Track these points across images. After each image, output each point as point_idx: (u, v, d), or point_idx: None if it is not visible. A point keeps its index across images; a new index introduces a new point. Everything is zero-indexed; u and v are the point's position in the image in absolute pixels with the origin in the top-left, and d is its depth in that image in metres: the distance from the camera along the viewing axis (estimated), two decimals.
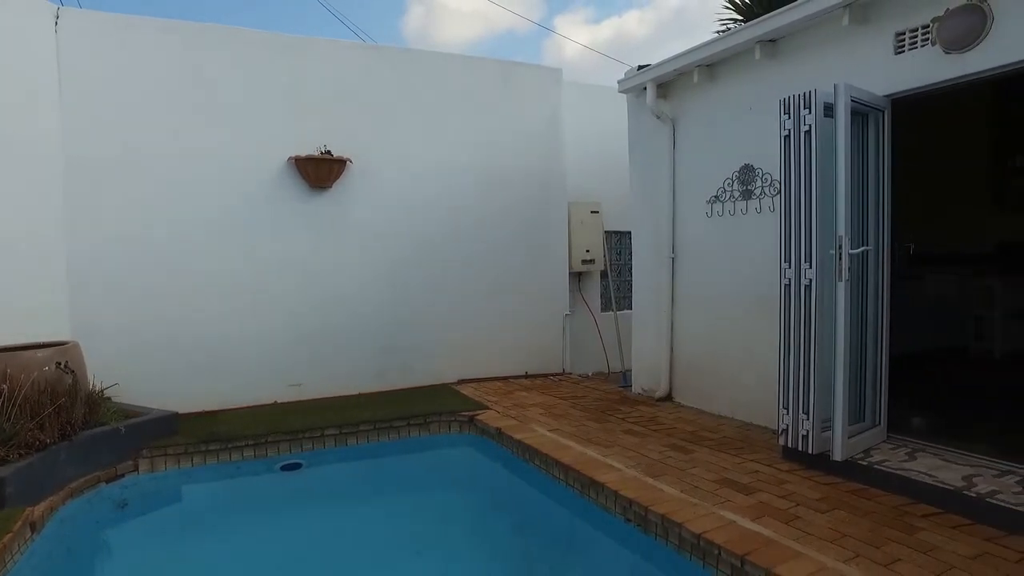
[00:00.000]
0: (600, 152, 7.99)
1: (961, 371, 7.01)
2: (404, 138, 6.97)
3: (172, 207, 6.00)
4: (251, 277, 6.31)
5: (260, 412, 6.00)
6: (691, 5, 25.87)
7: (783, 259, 4.22)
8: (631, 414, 5.75)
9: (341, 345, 6.69)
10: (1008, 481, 3.66)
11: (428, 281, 7.11)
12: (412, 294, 7.03)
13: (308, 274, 6.56)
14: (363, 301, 6.80)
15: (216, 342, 6.16)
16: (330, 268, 6.66)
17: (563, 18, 32.32)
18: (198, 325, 6.10)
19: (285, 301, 6.47)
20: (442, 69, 7.24)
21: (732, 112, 5.45)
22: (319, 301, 6.61)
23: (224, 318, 6.20)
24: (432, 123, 7.11)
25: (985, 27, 3.80)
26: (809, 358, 4.08)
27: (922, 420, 4.70)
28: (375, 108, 6.83)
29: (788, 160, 4.19)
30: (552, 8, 30.77)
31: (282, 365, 6.44)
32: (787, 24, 4.78)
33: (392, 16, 26.74)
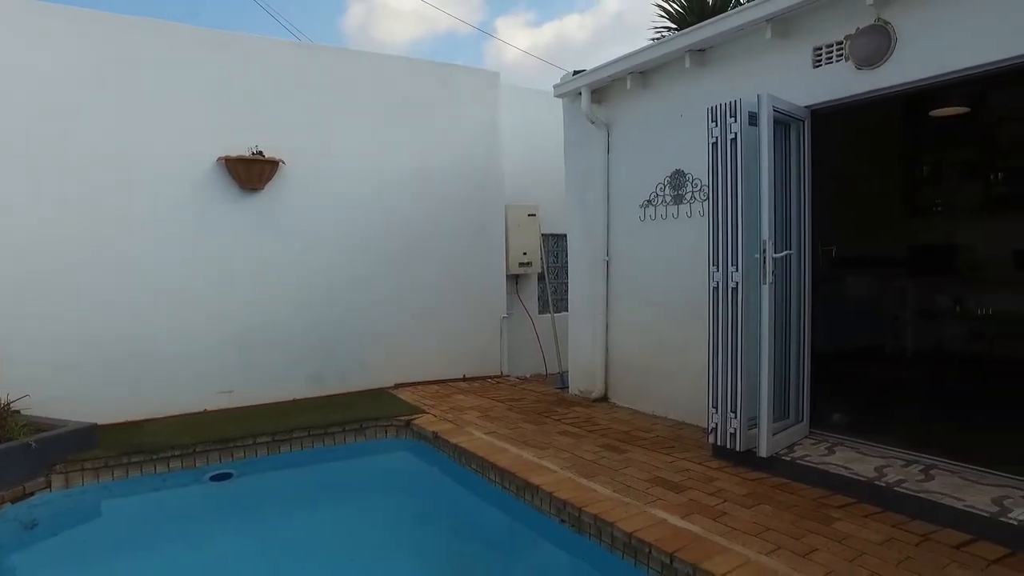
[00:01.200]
0: (538, 155, 8.08)
1: (878, 368, 7.40)
2: (340, 139, 6.86)
3: (90, 207, 5.71)
4: (179, 282, 6.07)
5: (189, 421, 5.79)
6: (630, 11, 26.44)
7: (711, 263, 4.36)
8: (567, 415, 5.82)
9: (275, 350, 6.52)
10: (913, 470, 3.89)
11: (365, 284, 7.02)
12: (349, 297, 6.92)
13: (239, 278, 6.37)
14: (298, 305, 6.66)
15: (142, 350, 5.90)
16: (263, 272, 6.48)
17: (505, 20, 32.44)
18: (121, 333, 5.82)
19: (215, 306, 6.26)
20: (379, 70, 7.16)
21: (664, 118, 5.60)
22: (251, 306, 6.43)
23: (150, 325, 5.95)
24: (368, 124, 7.03)
25: (890, 47, 4.03)
26: (736, 359, 4.23)
27: (842, 416, 4.94)
28: (309, 108, 6.69)
29: (715, 167, 4.33)
30: (494, 9, 30.85)
31: (212, 372, 6.23)
32: (715, 35, 4.95)
33: (332, 14, 26.27)
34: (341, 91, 6.88)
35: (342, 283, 6.89)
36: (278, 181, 6.50)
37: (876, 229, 8.20)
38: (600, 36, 26.00)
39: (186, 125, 6.08)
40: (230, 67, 6.32)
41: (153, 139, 5.93)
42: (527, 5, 33.39)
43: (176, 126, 6.03)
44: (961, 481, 3.71)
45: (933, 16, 3.87)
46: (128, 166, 5.83)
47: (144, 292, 5.92)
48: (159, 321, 5.99)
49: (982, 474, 3.79)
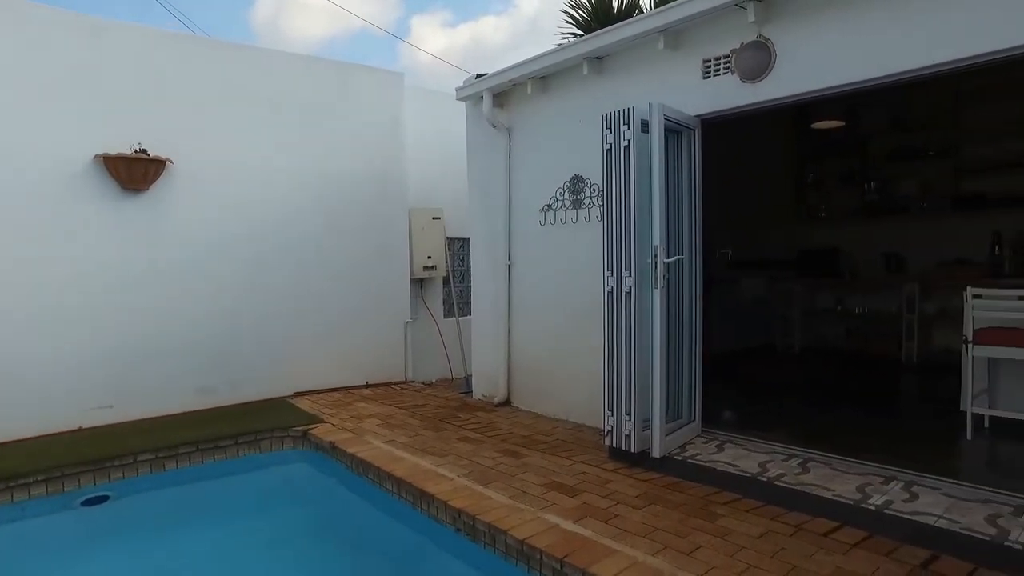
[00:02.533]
0: (443, 158, 7.99)
1: (768, 365, 7.79)
2: (232, 138, 6.53)
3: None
4: (49, 289, 5.58)
5: (59, 441, 5.33)
6: (545, 14, 26.67)
7: (606, 268, 4.44)
8: (469, 421, 5.78)
9: (162, 361, 6.12)
10: (793, 464, 4.10)
11: (262, 290, 6.71)
12: (243, 304, 6.60)
13: (121, 284, 5.93)
14: (186, 312, 6.28)
15: (3, 367, 5.38)
16: (148, 278, 6.07)
17: (421, 19, 32.07)
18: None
19: (94, 316, 5.79)
20: (277, 67, 6.88)
21: (564, 123, 5.65)
22: (136, 314, 6.00)
23: (15, 339, 5.43)
24: (266, 123, 6.73)
25: (771, 62, 4.23)
26: (630, 362, 4.31)
27: (732, 414, 5.14)
28: (198, 105, 6.33)
29: (609, 173, 4.40)
30: (410, 8, 30.43)
31: (89, 386, 5.77)
32: (611, 43, 5.05)
33: (238, 7, 25.07)
34: (233, 88, 6.55)
35: (236, 289, 6.56)
36: (165, 182, 6.12)
37: (769, 233, 8.63)
38: (516, 40, 26.16)
39: (55, 119, 5.60)
40: (106, 57, 5.87)
41: (14, 133, 5.43)
42: (443, 4, 33.19)
43: (43, 120, 5.55)
44: (832, 472, 3.94)
45: (806, 36, 4.10)
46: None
47: (7, 303, 5.41)
48: (27, 335, 5.49)
49: (851, 464, 4.04)
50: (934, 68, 3.63)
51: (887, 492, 3.62)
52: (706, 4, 4.35)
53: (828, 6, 3.98)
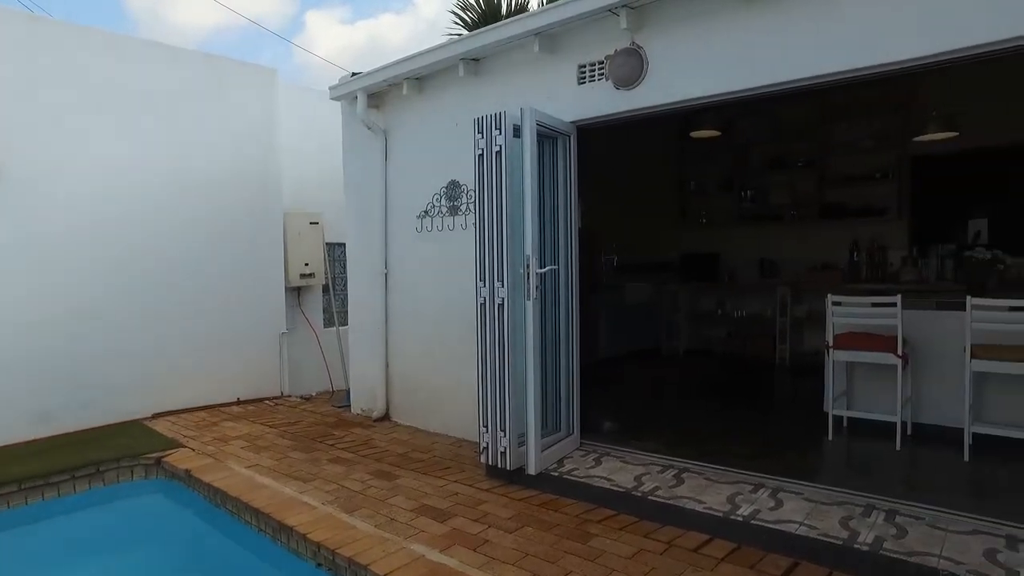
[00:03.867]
0: (322, 160, 7.56)
1: (652, 369, 7.90)
2: (80, 136, 5.85)
3: None
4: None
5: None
6: (445, 15, 26.31)
7: (478, 278, 4.25)
8: (344, 439, 5.44)
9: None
10: (667, 476, 4.07)
11: (114, 301, 6.05)
12: (93, 317, 5.92)
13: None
14: (19, 330, 5.54)
15: None
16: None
17: (316, 14, 30.89)
18: None
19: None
20: (135, 56, 6.25)
21: (440, 127, 5.43)
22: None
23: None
24: (117, 119, 6.08)
25: (643, 70, 4.20)
26: (504, 376, 4.15)
27: (612, 424, 5.10)
28: (38, 97, 5.61)
29: (481, 180, 4.22)
30: (305, 2, 29.17)
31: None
32: (486, 45, 4.87)
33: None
34: (80, 77, 5.86)
35: (85, 301, 5.87)
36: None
37: (653, 239, 8.81)
38: (415, 40, 25.74)
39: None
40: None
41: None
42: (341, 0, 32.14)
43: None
44: (706, 482, 3.94)
45: (677, 45, 4.09)
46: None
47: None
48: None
49: (723, 473, 4.07)
50: (800, 82, 3.70)
51: (755, 501, 3.65)
52: (579, 8, 4.26)
53: (699, 17, 3.99)
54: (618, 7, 4.15)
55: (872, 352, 4.51)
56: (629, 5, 4.13)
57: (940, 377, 4.62)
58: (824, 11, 3.56)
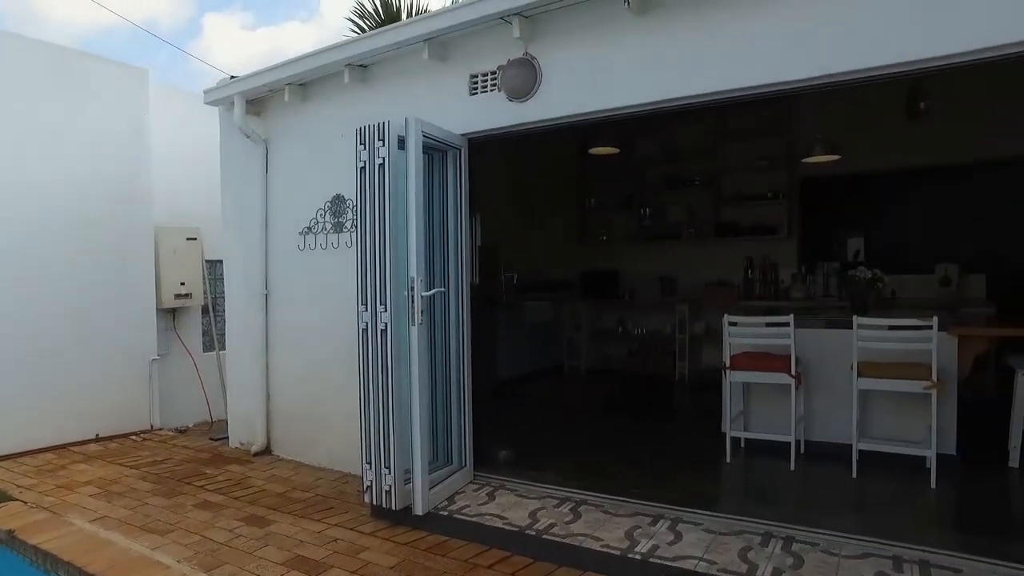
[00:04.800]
0: (202, 170, 6.89)
1: (554, 389, 7.73)
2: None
3: None
4: None
5: None
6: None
7: (360, 301, 3.90)
8: (216, 478, 4.90)
9: None
10: (564, 510, 3.85)
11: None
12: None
13: None
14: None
15: None
16: None
17: (216, 18, 29.32)
18: None
19: None
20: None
21: (325, 137, 5.04)
22: None
23: None
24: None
25: (537, 82, 4.01)
26: (387, 408, 3.80)
27: (508, 453, 4.83)
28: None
29: (363, 194, 3.89)
30: (204, 5, 27.56)
31: None
32: (372, 50, 4.55)
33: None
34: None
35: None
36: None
37: (555, 256, 8.69)
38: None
39: None
40: None
41: None
42: (243, 5, 30.72)
43: None
44: (603, 516, 3.74)
45: (571, 57, 3.93)
46: None
47: None
48: None
49: (621, 504, 3.89)
50: (690, 99, 3.62)
51: (654, 535, 3.48)
52: (471, 14, 4.02)
53: (594, 28, 3.83)
54: (511, 15, 3.94)
55: (767, 372, 4.49)
56: (523, 14, 3.94)
57: (830, 395, 4.67)
58: (714, 28, 3.49)
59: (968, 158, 6.23)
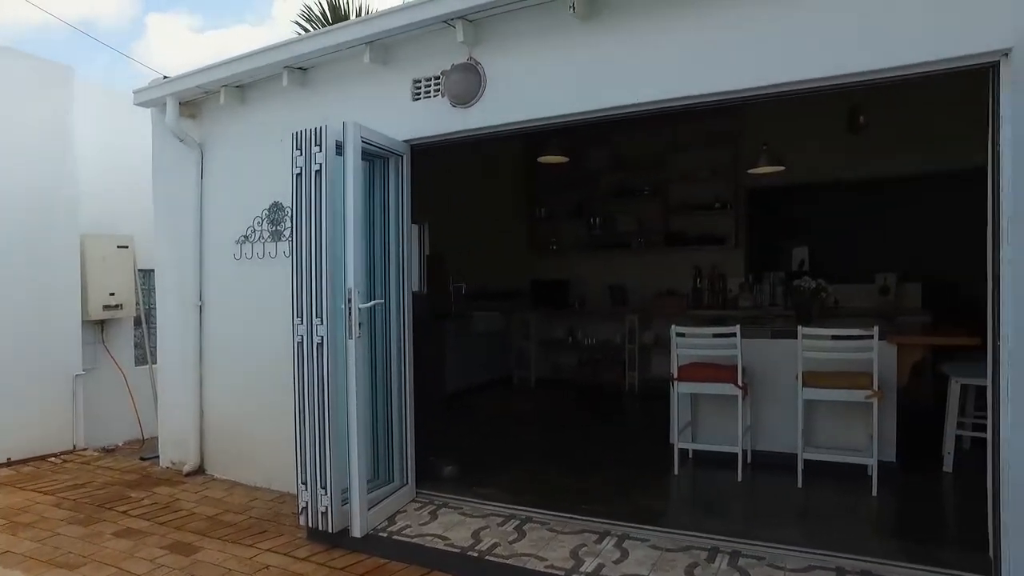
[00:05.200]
0: (135, 174, 6.55)
1: (502, 401, 7.62)
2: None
3: None
4: None
5: None
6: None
7: (295, 313, 3.72)
8: (142, 502, 4.61)
9: None
10: (509, 528, 3.73)
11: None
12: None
13: None
14: None
15: None
16: None
17: (160, 18, 28.32)
18: None
19: None
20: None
21: (263, 142, 4.82)
22: None
23: None
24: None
25: (481, 87, 3.92)
26: (324, 425, 3.62)
27: (453, 468, 4.68)
28: None
29: (300, 202, 3.72)
30: (148, 5, 26.53)
31: None
32: (311, 51, 4.38)
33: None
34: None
35: None
36: None
37: (505, 265, 8.60)
38: None
39: None
40: None
41: None
42: (190, 7, 29.78)
43: None
44: (549, 534, 3.64)
45: (516, 63, 3.86)
46: None
47: None
48: None
49: (567, 521, 3.79)
50: (635, 107, 3.57)
51: (600, 553, 3.39)
52: (413, 17, 3.90)
53: (539, 34, 3.76)
54: (454, 19, 3.84)
55: (714, 383, 4.48)
56: (466, 17, 3.84)
57: (776, 404, 4.69)
58: (660, 36, 3.46)
59: (905, 171, 6.40)
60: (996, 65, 2.90)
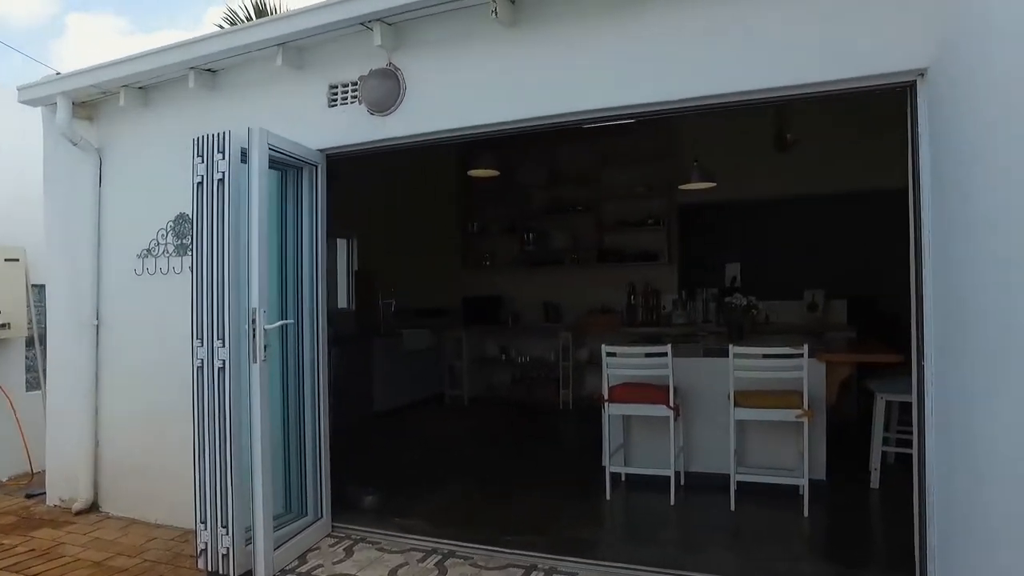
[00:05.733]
0: (26, 180, 6.04)
1: (432, 423, 7.32)
2: None
3: None
4: None
5: None
6: None
7: (195, 335, 3.39)
8: (15, 548, 4.10)
9: None
10: (429, 564, 3.48)
11: None
12: None
13: None
14: None
15: None
16: None
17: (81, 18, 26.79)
18: None
19: None
20: None
21: (168, 149, 4.43)
22: None
23: None
24: None
25: (400, 94, 3.71)
26: (225, 457, 3.30)
27: (374, 498, 4.38)
28: None
29: (200, 213, 3.41)
30: (69, 3, 24.96)
31: None
32: (220, 52, 4.06)
33: None
34: None
35: None
36: None
37: (437, 281, 8.37)
38: None
39: None
40: None
41: None
42: (116, 8, 28.33)
43: None
44: (471, 571, 3.41)
45: (439, 69, 3.67)
46: None
47: None
48: None
49: (492, 555, 3.56)
50: (560, 117, 3.44)
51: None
52: (326, 18, 3.65)
53: (463, 39, 3.59)
54: (372, 20, 3.62)
55: (646, 405, 4.35)
56: (384, 20, 3.62)
57: (709, 424, 4.60)
58: (587, 44, 3.33)
59: (832, 190, 6.51)
60: (913, 84, 2.90)
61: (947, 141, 2.61)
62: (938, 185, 2.74)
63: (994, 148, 2.00)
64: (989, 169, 2.05)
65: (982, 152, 2.14)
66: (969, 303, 2.31)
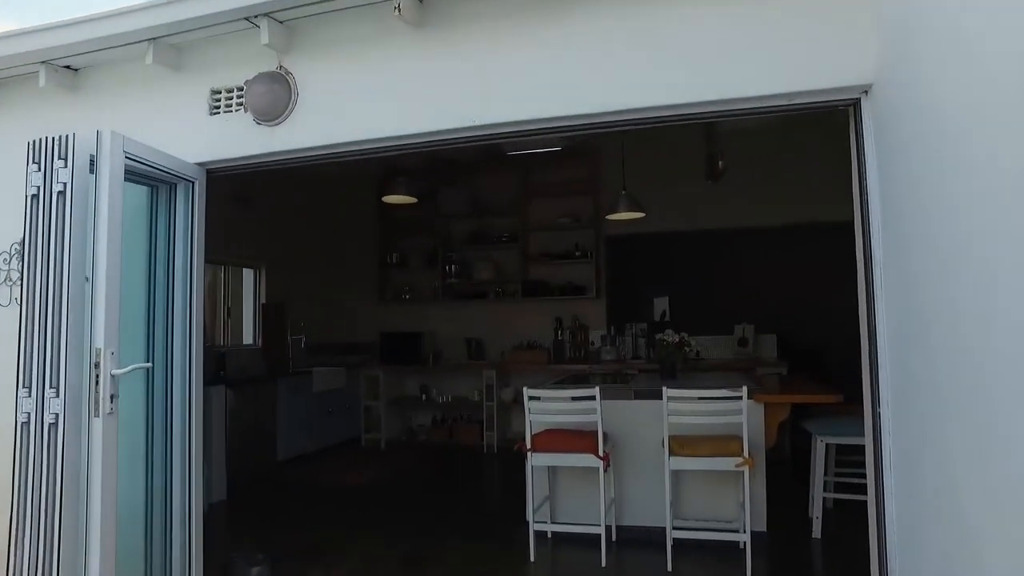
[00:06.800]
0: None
1: (342, 472, 6.63)
2: None
3: None
4: None
5: None
6: None
7: (20, 382, 2.73)
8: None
9: None
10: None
11: None
12: None
13: None
14: None
15: None
16: None
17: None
18: None
19: None
20: None
21: (16, 159, 3.75)
22: None
23: None
24: None
25: (291, 101, 3.22)
26: (52, 535, 2.63)
27: (263, 567, 3.72)
28: None
29: (34, 232, 2.79)
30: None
31: None
32: (75, 43, 3.43)
33: None
34: None
35: None
36: None
37: (352, 315, 7.81)
38: None
39: None
40: None
41: None
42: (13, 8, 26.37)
43: None
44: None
45: (337, 74, 3.22)
46: None
47: None
48: None
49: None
50: (481, 131, 3.04)
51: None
52: (204, 9, 3.13)
53: (366, 41, 3.13)
54: (258, 16, 3.13)
55: (573, 454, 3.91)
56: (273, 16, 3.14)
57: (642, 474, 4.22)
58: (500, 51, 2.97)
59: (762, 220, 6.38)
60: (857, 102, 2.66)
61: (895, 164, 2.36)
62: (889, 210, 2.47)
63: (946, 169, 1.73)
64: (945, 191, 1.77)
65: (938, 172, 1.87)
66: (933, 337, 2.02)
